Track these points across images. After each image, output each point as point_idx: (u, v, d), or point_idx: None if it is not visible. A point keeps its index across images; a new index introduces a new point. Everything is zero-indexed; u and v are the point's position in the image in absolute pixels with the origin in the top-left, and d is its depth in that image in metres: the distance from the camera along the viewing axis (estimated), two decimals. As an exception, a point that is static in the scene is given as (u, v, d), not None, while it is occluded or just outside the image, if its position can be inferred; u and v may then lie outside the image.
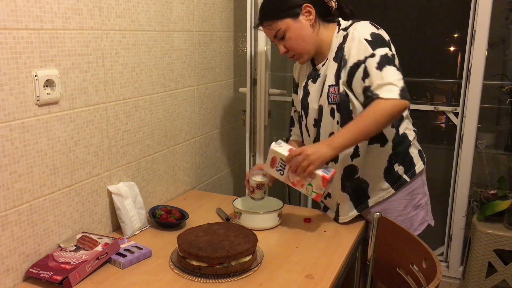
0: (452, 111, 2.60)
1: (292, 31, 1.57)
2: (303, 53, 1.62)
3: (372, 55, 1.47)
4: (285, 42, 1.60)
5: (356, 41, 1.50)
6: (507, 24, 2.81)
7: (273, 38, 1.62)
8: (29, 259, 1.33)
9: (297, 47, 1.60)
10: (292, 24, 1.57)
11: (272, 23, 1.58)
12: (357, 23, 1.57)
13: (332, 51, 1.60)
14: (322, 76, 1.63)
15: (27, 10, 1.25)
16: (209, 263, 1.30)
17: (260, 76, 2.21)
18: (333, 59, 1.59)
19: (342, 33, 1.59)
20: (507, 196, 2.40)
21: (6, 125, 1.23)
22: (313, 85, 1.67)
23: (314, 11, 1.58)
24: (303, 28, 1.58)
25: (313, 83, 1.67)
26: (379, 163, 1.64)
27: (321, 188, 1.49)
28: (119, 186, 1.62)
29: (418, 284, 1.41)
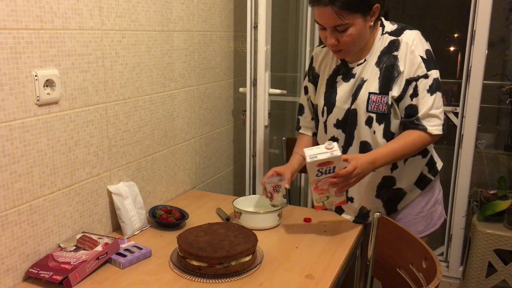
0: (452, 111, 2.60)
1: (356, 28, 1.44)
2: (353, 51, 1.53)
3: (426, 76, 1.46)
4: (342, 36, 1.45)
5: (412, 56, 1.46)
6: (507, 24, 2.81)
7: (330, 26, 1.45)
8: (29, 259, 1.33)
9: (352, 45, 1.49)
10: (359, 22, 1.44)
11: (344, 13, 1.40)
12: (409, 32, 1.50)
13: (374, 54, 1.53)
14: (357, 77, 1.56)
15: (27, 10, 1.25)
16: (209, 263, 1.30)
17: (260, 76, 2.21)
18: (375, 63, 1.52)
19: (387, 37, 1.52)
20: (507, 196, 2.40)
21: (6, 125, 1.23)
22: (343, 83, 1.59)
23: (377, 14, 1.48)
24: (366, 28, 1.48)
25: (344, 81, 1.59)
26: (416, 172, 1.64)
27: (331, 205, 1.51)
28: (119, 186, 1.62)
29: (418, 284, 1.41)
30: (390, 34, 1.53)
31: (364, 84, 1.54)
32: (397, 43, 1.50)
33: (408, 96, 1.49)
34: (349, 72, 1.59)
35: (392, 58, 1.50)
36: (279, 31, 2.78)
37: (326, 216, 1.78)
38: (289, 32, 2.95)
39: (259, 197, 1.82)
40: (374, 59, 1.53)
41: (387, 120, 1.53)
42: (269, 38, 2.20)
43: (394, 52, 1.50)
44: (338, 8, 1.40)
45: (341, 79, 1.60)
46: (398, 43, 1.50)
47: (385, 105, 1.50)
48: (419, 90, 1.47)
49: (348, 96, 1.57)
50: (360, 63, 1.56)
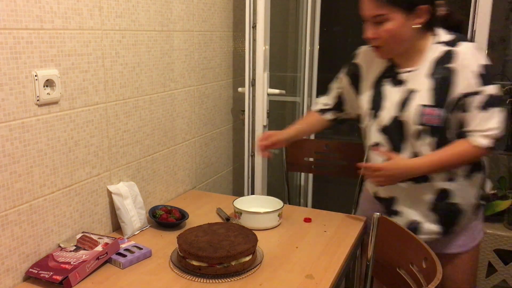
0: (452, 111, 2.59)
1: (395, 24, 1.40)
2: (390, 51, 1.49)
3: (478, 92, 1.41)
4: (379, 29, 1.42)
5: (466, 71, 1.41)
6: (507, 24, 2.81)
7: (369, 16, 1.43)
8: (29, 259, 1.33)
9: (389, 42, 1.45)
10: (400, 18, 1.40)
11: (381, 3, 1.39)
12: (465, 44, 1.45)
13: (427, 64, 1.47)
14: (406, 85, 1.50)
15: (27, 10, 1.25)
16: (209, 263, 1.30)
17: (258, 76, 2.21)
18: (426, 74, 1.47)
19: (441, 47, 1.47)
20: (507, 196, 2.40)
21: (6, 125, 1.23)
22: (391, 88, 1.54)
23: (426, 18, 1.43)
24: (407, 29, 1.42)
25: (391, 87, 1.54)
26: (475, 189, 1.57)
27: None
28: (119, 186, 1.62)
29: (418, 284, 1.41)
30: (444, 44, 1.47)
31: (414, 95, 1.47)
32: (452, 55, 1.43)
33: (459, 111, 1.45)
34: (397, 77, 1.53)
35: (446, 70, 1.44)
36: (279, 31, 2.78)
37: (326, 216, 1.78)
38: (289, 32, 2.95)
39: (259, 197, 1.83)
40: (427, 69, 1.47)
41: (441, 134, 1.47)
42: (267, 38, 2.20)
43: (449, 64, 1.43)
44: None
45: (388, 84, 1.55)
46: (453, 55, 1.43)
47: (437, 118, 1.44)
48: (470, 106, 1.42)
49: (395, 104, 1.51)
50: (409, 70, 1.51)
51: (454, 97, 1.43)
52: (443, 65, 1.44)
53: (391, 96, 1.53)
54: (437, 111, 1.43)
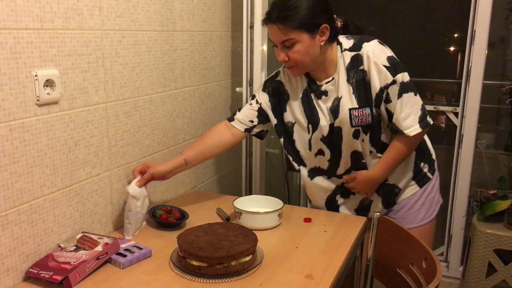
0: (452, 111, 2.60)
1: (303, 45, 1.53)
2: (303, 68, 1.60)
3: (393, 81, 1.55)
4: (290, 52, 1.54)
5: (376, 67, 1.55)
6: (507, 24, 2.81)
7: (278, 42, 1.55)
8: (29, 259, 1.33)
9: (301, 62, 1.56)
10: (306, 39, 1.52)
11: (287, 30, 1.51)
12: (367, 45, 1.57)
13: (341, 72, 1.60)
14: (331, 95, 1.63)
15: (27, 10, 1.25)
16: (209, 263, 1.30)
17: (256, 76, 2.21)
18: (346, 81, 1.59)
19: (348, 53, 1.59)
20: (507, 196, 2.40)
21: (6, 125, 1.23)
22: (318, 101, 1.66)
23: (328, 34, 1.55)
24: (314, 47, 1.55)
25: (319, 99, 1.66)
26: (408, 168, 1.75)
27: None
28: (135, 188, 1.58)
29: (418, 284, 1.41)
30: (349, 50, 1.60)
31: (340, 101, 1.61)
32: (360, 58, 1.57)
33: (384, 103, 1.59)
34: (319, 89, 1.66)
35: (360, 72, 1.58)
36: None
37: (326, 216, 1.78)
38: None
39: (259, 197, 1.82)
40: (343, 76, 1.60)
41: (373, 129, 1.63)
42: (265, 38, 2.20)
43: (361, 67, 1.57)
44: (283, 26, 1.50)
45: (315, 97, 1.67)
46: (361, 57, 1.57)
47: (368, 117, 1.59)
48: (390, 96, 1.57)
49: (327, 113, 1.65)
50: (328, 81, 1.64)
51: (377, 92, 1.57)
52: (355, 69, 1.58)
53: (322, 107, 1.66)
54: (365, 111, 1.59)
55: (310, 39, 1.53)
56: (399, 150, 1.63)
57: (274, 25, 1.52)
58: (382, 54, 1.56)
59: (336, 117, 1.62)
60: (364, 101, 1.58)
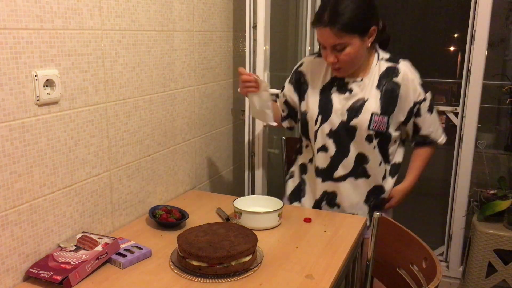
0: (452, 111, 2.59)
1: (354, 48, 1.57)
2: (350, 69, 1.66)
3: (425, 99, 1.70)
4: (340, 54, 1.58)
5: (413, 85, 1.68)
6: (507, 24, 2.81)
7: (329, 45, 1.57)
8: (29, 259, 1.33)
9: (350, 64, 1.62)
10: (357, 42, 1.57)
11: (342, 34, 1.54)
12: (404, 62, 1.70)
13: (373, 77, 1.68)
14: (355, 94, 1.69)
15: (27, 10, 1.25)
16: (209, 263, 1.30)
17: (259, 76, 2.21)
18: (376, 86, 1.67)
19: (384, 63, 1.69)
20: (507, 196, 2.40)
21: (6, 125, 1.23)
22: (338, 95, 1.71)
23: (375, 36, 1.61)
24: (363, 49, 1.60)
25: (339, 94, 1.71)
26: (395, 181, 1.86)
27: None
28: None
29: (418, 284, 1.41)
30: (386, 60, 1.70)
31: (365, 103, 1.67)
32: (396, 70, 1.68)
33: (413, 117, 1.72)
34: (345, 86, 1.71)
35: (392, 83, 1.67)
36: (279, 31, 2.78)
37: (326, 216, 1.78)
38: (289, 32, 2.95)
39: (259, 197, 1.82)
40: (374, 81, 1.68)
41: (384, 138, 1.71)
42: (268, 38, 2.20)
43: (394, 78, 1.67)
44: (336, 29, 1.53)
45: (336, 91, 1.72)
46: (397, 71, 1.68)
47: (384, 125, 1.67)
48: (421, 111, 1.71)
49: (343, 109, 1.69)
50: (356, 80, 1.69)
51: (411, 107, 1.69)
52: (389, 78, 1.67)
53: (339, 103, 1.70)
54: (385, 119, 1.67)
55: (361, 42, 1.58)
56: (429, 156, 1.81)
57: (326, 29, 1.54)
58: (417, 74, 1.70)
59: (355, 116, 1.66)
60: (387, 109, 1.66)
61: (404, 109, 1.69)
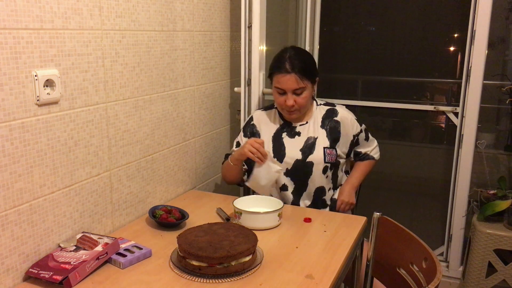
0: (452, 111, 2.60)
1: (308, 92, 1.89)
2: (302, 112, 1.94)
3: (361, 131, 2.03)
4: (298, 98, 1.86)
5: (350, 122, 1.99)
6: (507, 24, 2.80)
7: (291, 89, 1.85)
8: (29, 259, 1.33)
9: (303, 106, 1.90)
10: (310, 87, 1.89)
11: (304, 80, 1.85)
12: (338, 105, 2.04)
13: (316, 119, 1.98)
14: (304, 135, 1.96)
15: (27, 10, 1.25)
16: (209, 263, 1.30)
17: (254, 76, 2.21)
18: (320, 126, 1.97)
19: (323, 107, 2.02)
20: (507, 196, 2.40)
21: (6, 125, 1.23)
22: (289, 139, 1.97)
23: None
24: (311, 94, 1.93)
25: (289, 138, 1.97)
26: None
27: None
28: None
29: (418, 284, 1.41)
30: (324, 105, 2.03)
31: (316, 140, 1.95)
32: (335, 111, 2.00)
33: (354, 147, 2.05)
34: (293, 130, 1.98)
35: (334, 122, 1.98)
36: (278, 31, 2.78)
37: (326, 216, 1.78)
38: (289, 32, 2.94)
39: (259, 197, 1.82)
40: (318, 123, 1.98)
41: (335, 167, 2.00)
42: (263, 38, 2.20)
43: (334, 118, 1.98)
44: (300, 75, 1.84)
45: (286, 136, 1.98)
46: (336, 111, 2.00)
47: (334, 156, 1.96)
48: (359, 141, 2.04)
49: (296, 150, 1.94)
50: (302, 123, 1.98)
51: (346, 141, 2.00)
52: (330, 118, 1.98)
53: (292, 145, 1.96)
54: (333, 151, 1.96)
55: (311, 88, 1.92)
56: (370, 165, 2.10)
57: (291, 75, 1.84)
58: (350, 113, 2.02)
59: (310, 153, 1.93)
60: (333, 143, 1.96)
61: (346, 142, 2.00)
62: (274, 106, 2.04)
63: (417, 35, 3.14)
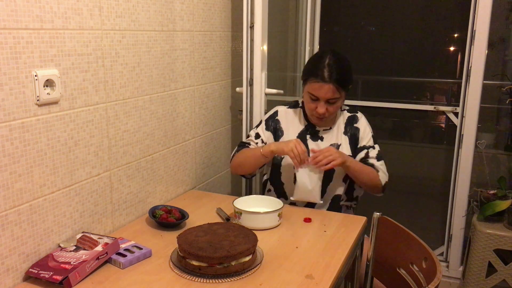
0: (452, 111, 2.60)
1: (340, 102, 1.86)
2: (330, 118, 1.89)
3: (374, 147, 1.91)
4: (330, 107, 1.81)
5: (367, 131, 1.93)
6: (507, 24, 2.80)
7: (325, 99, 1.79)
8: (29, 259, 1.33)
9: (333, 114, 1.88)
10: (343, 96, 1.85)
11: (340, 89, 1.79)
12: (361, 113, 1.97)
13: (340, 125, 1.94)
14: (327, 141, 1.92)
15: (27, 10, 1.25)
16: (209, 263, 1.30)
17: (256, 76, 2.21)
18: (343, 133, 1.93)
19: (346, 113, 1.96)
20: (507, 196, 2.40)
21: (6, 125, 1.23)
22: (312, 142, 1.93)
23: None
24: (343, 103, 1.90)
25: (313, 141, 1.93)
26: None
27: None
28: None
29: (418, 284, 1.41)
30: (347, 111, 1.97)
31: (339, 147, 1.90)
32: (356, 118, 1.95)
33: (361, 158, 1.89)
34: (317, 134, 1.94)
35: (354, 129, 1.93)
36: (279, 31, 2.78)
37: (326, 216, 1.78)
38: (289, 32, 2.95)
39: (259, 197, 1.82)
40: (341, 129, 1.94)
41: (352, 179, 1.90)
42: (265, 38, 2.20)
43: (355, 124, 1.94)
44: (337, 86, 1.77)
45: (310, 139, 1.94)
46: (357, 118, 1.95)
47: None
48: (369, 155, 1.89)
49: None
50: (326, 129, 1.94)
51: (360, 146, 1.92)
52: (351, 125, 1.93)
53: (315, 148, 1.87)
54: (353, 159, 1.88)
55: (344, 96, 1.86)
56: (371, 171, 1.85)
57: (329, 85, 1.77)
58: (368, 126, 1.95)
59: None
60: (353, 151, 1.91)
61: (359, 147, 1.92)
62: (299, 105, 1.99)
63: (417, 35, 3.14)
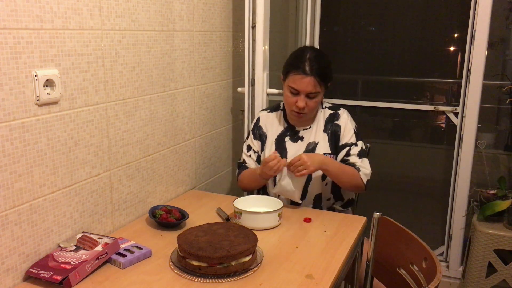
0: (452, 111, 2.60)
1: (320, 97, 1.84)
2: (310, 116, 1.88)
3: (356, 144, 1.87)
4: (310, 101, 1.80)
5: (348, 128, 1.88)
6: (507, 24, 2.80)
7: (305, 92, 1.78)
8: (29, 259, 1.33)
9: (313, 110, 1.85)
10: (323, 92, 1.84)
11: (320, 84, 1.79)
12: (342, 109, 1.94)
13: (319, 123, 1.91)
14: (306, 140, 1.91)
15: (27, 10, 1.25)
16: (209, 263, 1.30)
17: (258, 76, 2.21)
18: (323, 130, 1.90)
19: (327, 111, 1.93)
20: (507, 196, 2.40)
21: (6, 125, 1.23)
22: (291, 143, 1.92)
23: None
24: (322, 99, 1.89)
25: (292, 142, 1.92)
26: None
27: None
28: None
29: (418, 284, 1.41)
30: (329, 108, 1.94)
31: (317, 146, 1.88)
32: (337, 115, 1.91)
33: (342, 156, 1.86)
34: (296, 134, 1.93)
35: (335, 125, 1.90)
36: (279, 31, 2.78)
37: (326, 216, 1.78)
38: (289, 32, 2.95)
39: (259, 197, 1.82)
40: (321, 126, 1.91)
41: None
42: (267, 38, 2.20)
43: (336, 121, 1.90)
44: (318, 79, 1.77)
45: (289, 140, 1.93)
46: (338, 115, 1.91)
47: None
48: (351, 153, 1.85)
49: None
50: (306, 128, 1.93)
51: (342, 144, 1.88)
52: (332, 122, 1.90)
53: (294, 149, 1.90)
54: (334, 157, 1.88)
55: (323, 93, 1.85)
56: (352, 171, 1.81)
57: (309, 77, 1.76)
58: (352, 122, 1.91)
59: None
60: (334, 149, 1.89)
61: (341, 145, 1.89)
62: (279, 108, 2.00)
63: (417, 35, 3.14)
